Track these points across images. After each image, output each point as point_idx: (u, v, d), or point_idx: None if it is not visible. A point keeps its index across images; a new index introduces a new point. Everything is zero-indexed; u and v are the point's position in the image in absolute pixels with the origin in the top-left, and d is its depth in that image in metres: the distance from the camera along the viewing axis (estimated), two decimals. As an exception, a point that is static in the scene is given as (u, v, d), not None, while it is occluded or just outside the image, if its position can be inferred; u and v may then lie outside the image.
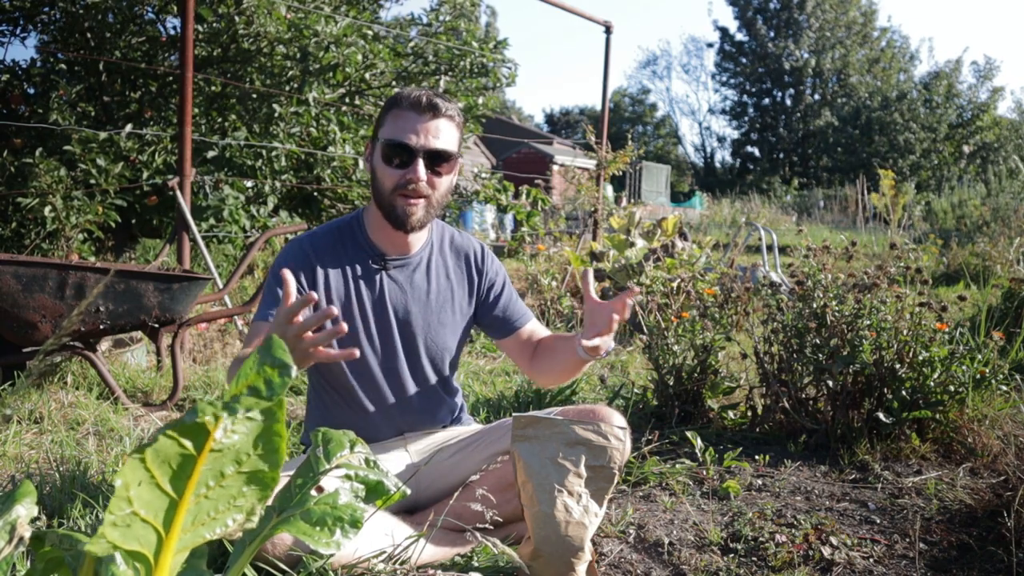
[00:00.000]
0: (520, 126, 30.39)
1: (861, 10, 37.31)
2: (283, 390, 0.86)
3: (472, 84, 6.90)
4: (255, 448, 0.88)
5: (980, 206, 12.15)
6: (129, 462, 0.83)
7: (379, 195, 1.81)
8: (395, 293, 1.89)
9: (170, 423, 0.84)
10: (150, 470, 0.84)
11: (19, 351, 2.95)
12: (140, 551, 0.87)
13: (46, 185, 4.71)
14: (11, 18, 6.10)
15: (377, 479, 1.14)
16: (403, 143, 1.75)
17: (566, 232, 8.33)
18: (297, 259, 1.82)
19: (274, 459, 0.90)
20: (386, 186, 1.78)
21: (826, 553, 1.85)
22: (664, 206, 20.46)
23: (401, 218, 1.79)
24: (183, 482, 0.86)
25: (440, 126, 1.78)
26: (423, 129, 1.76)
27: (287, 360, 0.87)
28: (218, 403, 0.84)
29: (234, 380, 0.88)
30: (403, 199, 1.78)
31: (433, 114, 1.77)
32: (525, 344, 2.02)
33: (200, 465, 0.86)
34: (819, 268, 2.82)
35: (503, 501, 1.77)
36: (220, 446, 0.85)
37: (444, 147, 1.78)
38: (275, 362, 0.87)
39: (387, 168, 1.77)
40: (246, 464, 0.89)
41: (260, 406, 0.86)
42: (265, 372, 0.87)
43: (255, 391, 0.86)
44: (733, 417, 2.90)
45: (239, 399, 0.85)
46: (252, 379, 0.87)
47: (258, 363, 0.87)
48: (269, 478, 0.91)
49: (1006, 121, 31.75)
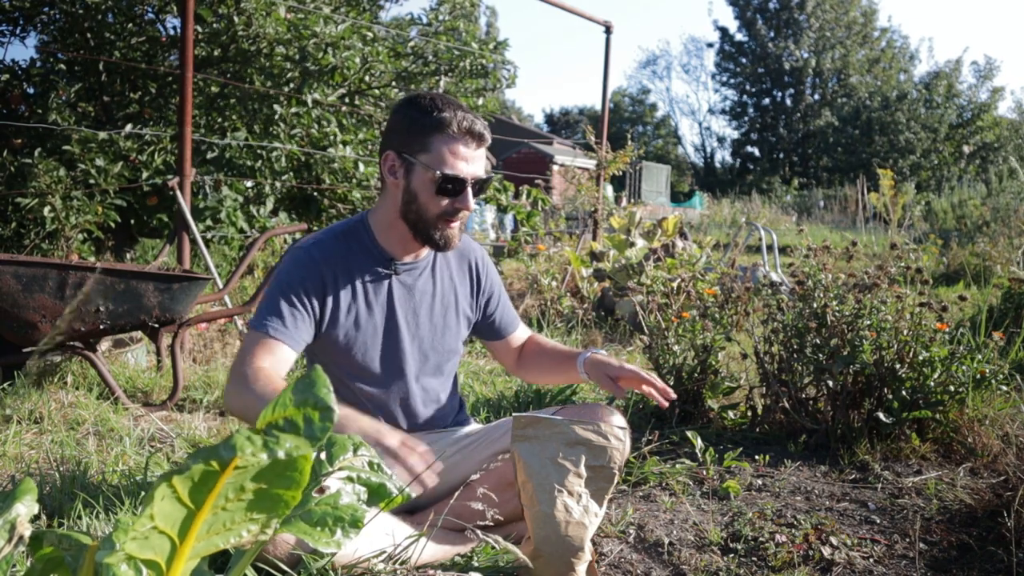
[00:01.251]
0: (520, 126, 30.37)
1: (861, 10, 37.28)
2: (324, 435, 0.84)
3: (472, 85, 6.89)
4: (278, 469, 0.87)
5: (980, 206, 12.14)
6: (158, 489, 0.83)
7: (420, 219, 1.79)
8: (403, 297, 1.88)
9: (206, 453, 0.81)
10: (173, 486, 0.84)
11: (19, 351, 2.95)
12: (153, 559, 0.87)
13: (45, 185, 4.70)
14: (11, 18, 6.10)
15: (379, 482, 1.14)
16: (459, 177, 1.74)
17: (566, 232, 8.33)
18: (306, 267, 1.80)
19: (297, 480, 0.89)
20: (431, 212, 1.77)
21: (826, 553, 1.85)
22: (664, 206, 20.46)
23: (441, 241, 1.81)
24: (203, 495, 0.86)
25: (484, 153, 1.81)
26: (473, 158, 1.77)
27: (330, 403, 0.85)
28: (257, 440, 0.81)
29: (270, 406, 0.85)
30: (446, 224, 1.79)
31: (479, 143, 1.77)
32: (513, 347, 2.12)
33: (223, 480, 0.85)
34: (819, 268, 2.82)
35: (503, 501, 1.77)
36: (246, 463, 0.84)
37: (487, 174, 1.81)
38: (318, 403, 0.85)
39: (437, 197, 1.76)
40: (267, 482, 0.88)
41: (300, 451, 0.83)
42: (306, 411, 0.84)
43: (293, 427, 0.84)
44: (733, 417, 2.90)
45: (277, 436, 0.83)
46: (291, 413, 0.84)
47: (299, 397, 0.85)
48: (290, 496, 0.90)
49: (1006, 121, 31.73)
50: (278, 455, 0.81)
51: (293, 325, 1.75)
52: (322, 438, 0.83)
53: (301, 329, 1.77)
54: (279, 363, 1.71)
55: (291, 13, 5.92)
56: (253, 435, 0.82)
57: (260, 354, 1.70)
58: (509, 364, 2.14)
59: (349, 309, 1.83)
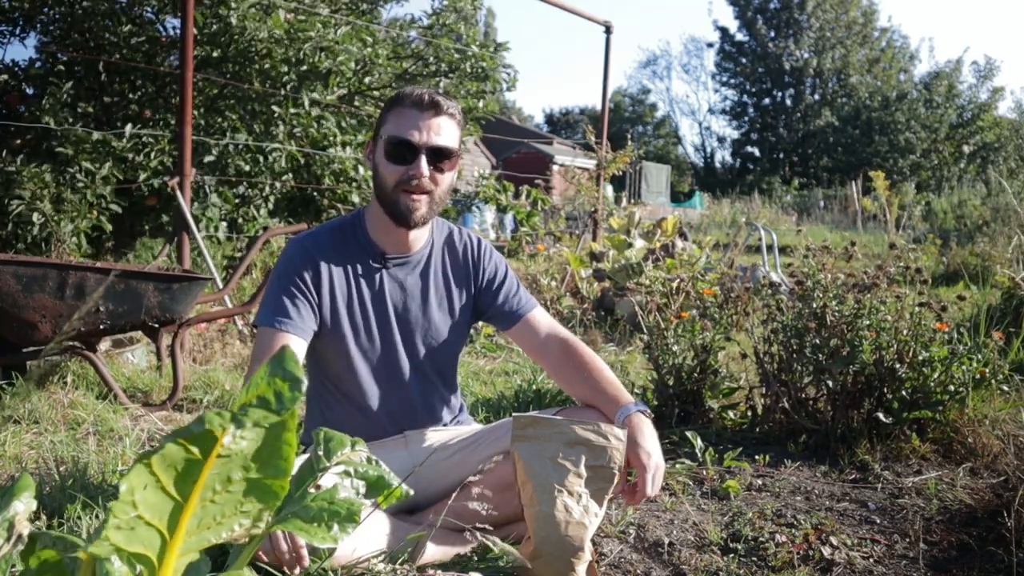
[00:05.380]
0: (520, 126, 30.38)
1: (861, 10, 37.27)
2: (293, 404, 0.85)
3: (472, 87, 6.89)
4: (263, 456, 0.88)
5: (980, 206, 12.14)
6: (135, 467, 0.83)
7: (382, 192, 1.82)
8: (395, 292, 1.89)
9: (177, 431, 0.83)
10: (156, 474, 0.84)
11: (19, 351, 2.95)
12: (143, 553, 0.87)
13: (30, 192, 4.70)
14: (10, 18, 6.09)
15: (377, 474, 1.14)
16: (406, 140, 1.76)
17: (566, 232, 8.33)
18: (302, 257, 1.83)
19: (283, 468, 0.90)
20: (389, 183, 1.79)
21: (826, 553, 1.85)
22: (664, 206, 20.45)
23: (404, 214, 1.80)
24: (188, 486, 0.86)
25: (442, 123, 1.79)
26: (425, 126, 1.77)
27: (298, 374, 0.87)
28: (226, 414, 0.83)
29: (244, 388, 0.88)
30: (406, 195, 1.79)
31: (435, 112, 1.78)
32: (532, 331, 1.96)
33: (207, 470, 0.85)
34: (819, 268, 2.82)
35: (503, 501, 1.77)
36: (228, 452, 0.85)
37: (446, 144, 1.79)
38: (286, 375, 0.86)
39: (390, 165, 1.78)
40: (254, 471, 0.89)
41: (269, 420, 0.85)
42: (276, 384, 0.86)
43: (264, 403, 0.85)
44: (733, 417, 2.90)
45: (247, 411, 0.85)
46: (262, 389, 0.86)
47: (269, 374, 0.87)
48: (278, 486, 0.91)
49: (1006, 121, 31.69)
50: (245, 425, 0.83)
51: (298, 315, 1.77)
52: (291, 407, 0.85)
53: (306, 318, 1.79)
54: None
55: (291, 15, 5.92)
56: (223, 411, 0.84)
57: (273, 349, 1.71)
58: (532, 355, 2.00)
59: (342, 301, 1.84)
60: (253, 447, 0.87)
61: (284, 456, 0.89)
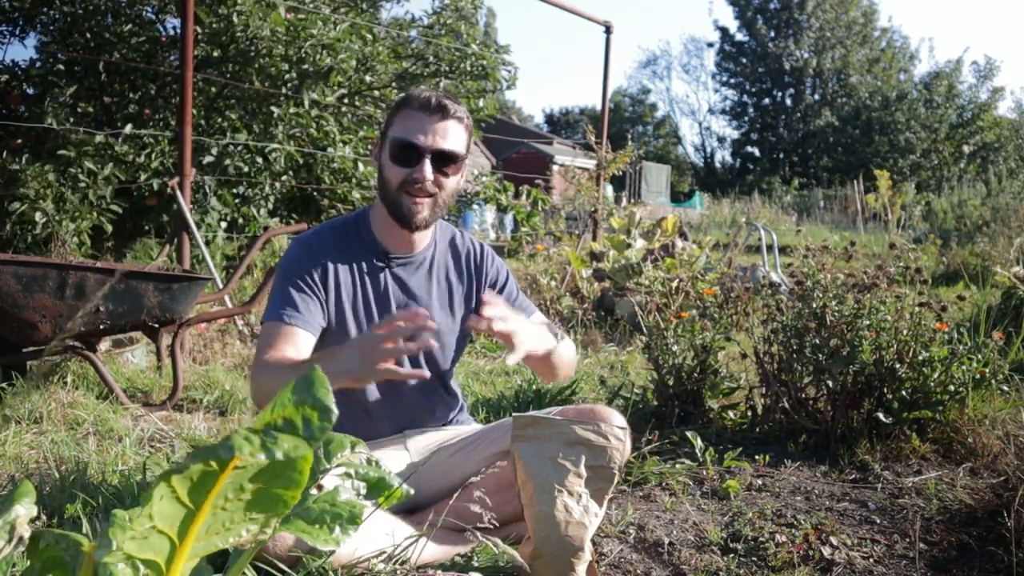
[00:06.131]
0: (520, 126, 30.38)
1: (861, 10, 37.27)
2: (322, 435, 0.83)
3: (473, 87, 6.90)
4: (278, 469, 0.88)
5: (980, 206, 12.15)
6: (157, 488, 0.83)
7: (385, 192, 1.82)
8: (398, 291, 1.89)
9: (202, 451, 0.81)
10: (172, 486, 0.84)
11: (19, 351, 2.95)
12: (152, 559, 0.87)
13: (34, 192, 4.70)
14: (11, 18, 6.09)
15: (378, 475, 1.14)
16: (411, 143, 1.76)
17: (566, 232, 8.33)
18: (307, 256, 1.83)
19: (296, 480, 0.90)
20: (392, 184, 1.79)
21: (826, 553, 1.85)
22: (664, 206, 20.45)
23: (407, 216, 1.80)
24: (203, 496, 0.86)
25: (448, 127, 1.79)
26: (431, 129, 1.77)
27: (329, 403, 0.84)
28: (255, 440, 0.81)
29: (269, 407, 0.85)
30: (409, 197, 1.79)
31: (442, 115, 1.78)
32: None
33: (222, 480, 0.85)
34: (819, 268, 2.82)
35: (503, 501, 1.77)
36: (244, 463, 0.84)
37: (452, 148, 1.79)
38: (316, 403, 0.84)
39: (394, 166, 1.79)
40: (267, 481, 0.88)
41: (299, 450, 0.82)
42: (305, 411, 0.84)
43: (291, 427, 0.83)
44: (733, 417, 2.90)
45: (275, 436, 0.82)
46: (289, 412, 0.84)
47: (297, 397, 0.84)
48: (289, 496, 0.91)
49: (1006, 121, 31.69)
50: (276, 456, 0.81)
51: (306, 309, 1.78)
52: (320, 438, 0.83)
53: (314, 313, 1.79)
54: (299, 349, 1.73)
55: (291, 13, 5.92)
56: (251, 435, 0.81)
57: (279, 343, 1.72)
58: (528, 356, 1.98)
59: (348, 300, 1.85)
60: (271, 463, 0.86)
61: (299, 469, 0.88)
